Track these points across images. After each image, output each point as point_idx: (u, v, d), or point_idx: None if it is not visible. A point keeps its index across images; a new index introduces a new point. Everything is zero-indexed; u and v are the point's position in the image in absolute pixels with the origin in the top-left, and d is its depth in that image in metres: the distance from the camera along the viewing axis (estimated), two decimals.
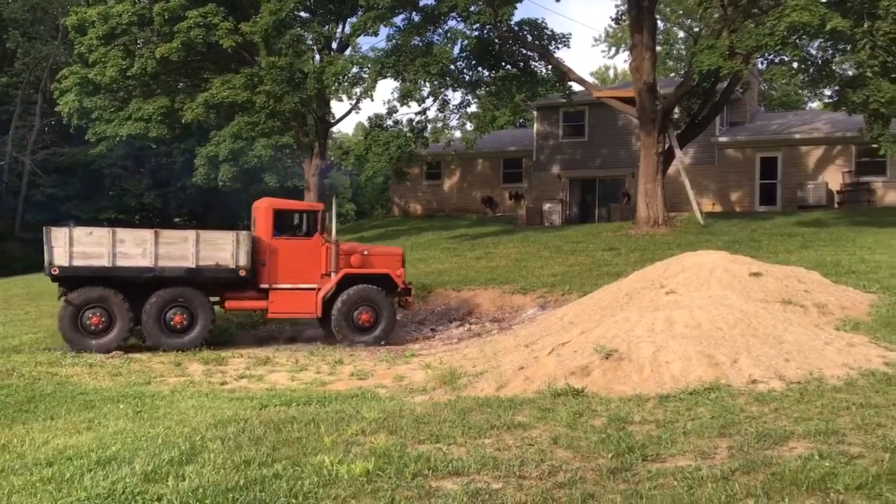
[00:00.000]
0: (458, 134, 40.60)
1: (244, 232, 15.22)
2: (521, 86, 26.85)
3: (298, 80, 28.19)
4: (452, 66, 25.15)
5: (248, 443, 6.54)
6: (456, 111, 29.65)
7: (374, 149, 26.16)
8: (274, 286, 15.29)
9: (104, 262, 14.10)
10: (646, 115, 24.12)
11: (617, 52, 52.53)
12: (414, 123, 27.93)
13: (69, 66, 31.71)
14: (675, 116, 26.65)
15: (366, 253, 16.14)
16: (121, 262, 14.17)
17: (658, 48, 34.83)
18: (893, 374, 7.97)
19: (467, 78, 26.77)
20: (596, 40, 75.18)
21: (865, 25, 19.03)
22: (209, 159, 29.96)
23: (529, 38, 25.84)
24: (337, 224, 16.48)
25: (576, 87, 27.50)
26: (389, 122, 27.82)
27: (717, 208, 29.96)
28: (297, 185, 35.25)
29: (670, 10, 44.92)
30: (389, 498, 5.03)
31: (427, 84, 25.39)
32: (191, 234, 14.73)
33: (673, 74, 44.62)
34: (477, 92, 28.34)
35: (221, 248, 14.71)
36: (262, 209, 15.71)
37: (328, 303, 15.47)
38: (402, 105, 26.47)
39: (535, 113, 34.92)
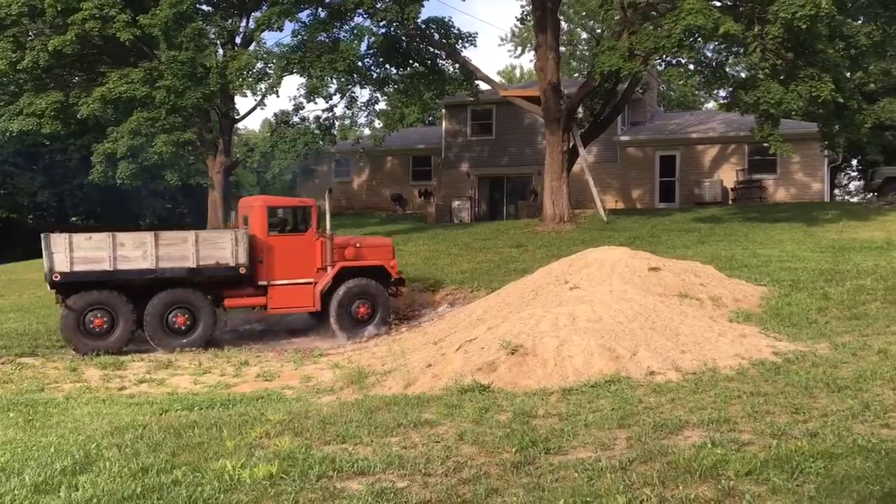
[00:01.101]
0: (367, 131, 40.41)
1: (241, 230, 15.32)
2: (429, 84, 26.96)
3: (201, 74, 27.41)
4: (360, 63, 24.99)
5: (146, 449, 6.35)
6: (364, 108, 29.50)
7: (280, 146, 25.74)
8: (272, 282, 15.52)
9: (105, 266, 14.11)
10: (551, 115, 24.56)
11: (523, 52, 53.25)
12: (321, 120, 27.61)
13: None
14: (579, 116, 27.24)
15: (358, 245, 16.47)
16: (122, 266, 14.21)
17: (562, 49, 35.59)
18: (782, 364, 8.38)
19: (375, 75, 26.66)
20: (502, 40, 76.27)
21: (756, 29, 19.89)
22: (107, 156, 28.78)
23: (436, 36, 25.93)
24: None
25: (483, 85, 27.76)
26: (296, 119, 27.40)
27: (620, 205, 30.82)
28: (200, 183, 34.31)
29: (573, 12, 45.86)
30: (293, 501, 4.98)
31: (334, 81, 25.14)
32: (190, 235, 14.86)
33: (577, 75, 45.64)
34: (385, 89, 28.27)
35: (221, 247, 14.87)
36: (256, 207, 15.88)
37: (325, 296, 15.71)
38: (308, 102, 26.07)
39: (443, 111, 35.08)
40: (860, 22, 22.34)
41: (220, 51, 30.37)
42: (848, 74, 22.72)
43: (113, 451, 6.28)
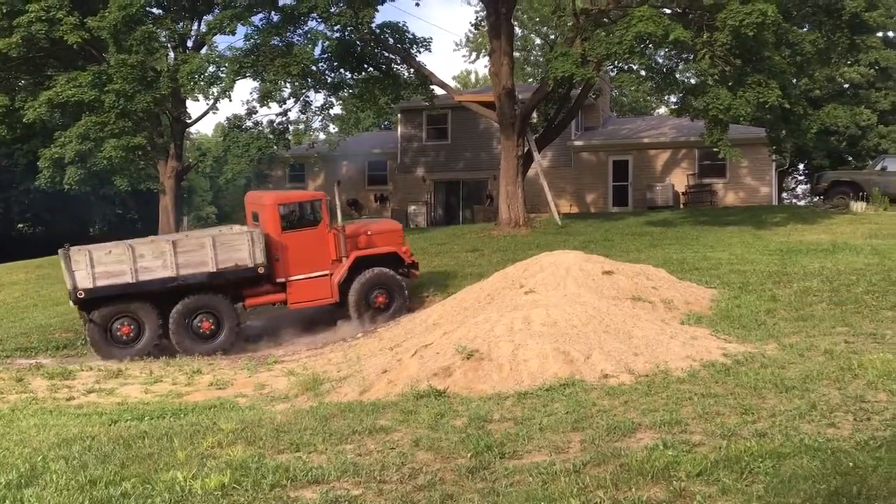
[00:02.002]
0: (321, 136, 40.15)
1: (256, 230, 15.38)
2: (385, 88, 26.89)
3: (151, 78, 27.00)
4: (314, 68, 24.84)
5: (94, 461, 6.20)
6: (318, 113, 29.36)
7: (233, 150, 25.46)
8: (290, 278, 15.73)
9: (128, 278, 14.24)
10: (505, 120, 24.70)
11: (478, 57, 53.43)
12: (275, 125, 27.39)
13: None
14: (534, 121, 27.45)
15: (369, 233, 16.70)
16: (144, 277, 14.33)
17: (516, 54, 35.84)
18: (731, 365, 8.52)
19: (329, 79, 26.52)
20: (457, 45, 76.37)
21: (705, 36, 20.26)
22: (54, 161, 28.18)
23: (391, 41, 25.89)
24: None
25: (438, 90, 27.82)
26: (249, 124, 27.13)
27: (575, 209, 31.13)
28: (151, 189, 33.75)
29: (527, 18, 46.21)
30: None
31: (288, 85, 24.97)
32: (207, 240, 14.94)
33: (531, 80, 45.96)
34: (340, 94, 28.14)
35: (238, 249, 14.99)
36: (268, 206, 15.99)
37: (343, 286, 15.93)
38: (262, 106, 25.87)
39: (398, 115, 35.05)
40: (805, 30, 22.94)
41: (171, 54, 29.96)
42: (794, 81, 23.31)
43: (60, 464, 6.13)
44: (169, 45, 29.85)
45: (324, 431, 6.78)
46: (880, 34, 37.40)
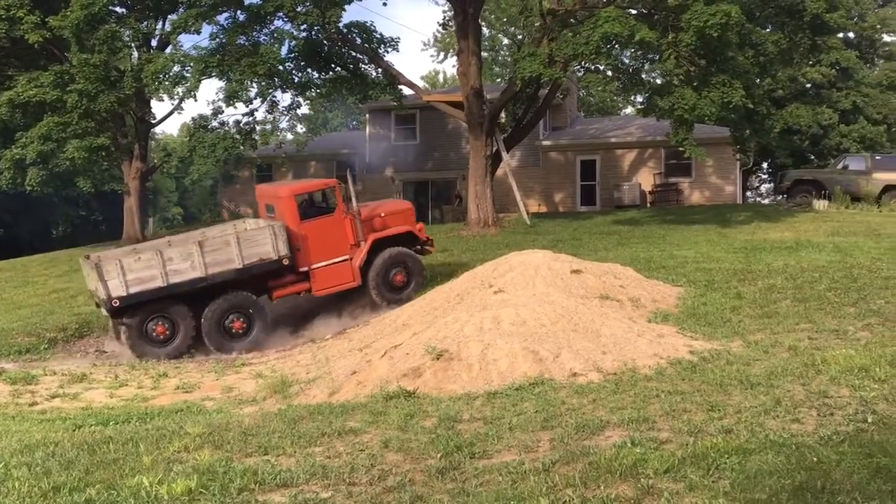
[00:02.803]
0: (289, 136, 39.91)
1: (277, 223, 15.66)
2: (352, 88, 26.78)
3: (115, 78, 26.63)
4: (281, 67, 24.65)
5: (58, 468, 6.08)
6: (286, 113, 29.15)
7: (199, 151, 25.16)
8: (312, 266, 16.01)
9: (159, 282, 14.48)
10: (474, 119, 24.74)
11: (446, 57, 53.41)
12: (241, 125, 27.11)
13: None
14: (502, 121, 27.51)
15: (383, 214, 16.93)
16: (174, 279, 14.57)
17: (484, 54, 35.91)
18: (698, 362, 8.62)
19: (296, 79, 26.32)
20: (425, 45, 76.34)
21: (670, 37, 20.48)
22: (15, 162, 27.68)
23: (359, 40, 25.78)
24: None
25: (407, 90, 27.77)
26: (215, 124, 26.83)
27: (543, 209, 31.27)
28: (115, 190, 33.27)
29: (495, 18, 46.31)
30: None
31: (254, 85, 24.73)
32: (231, 238, 15.31)
33: (499, 80, 46.09)
34: (307, 94, 27.97)
35: (261, 244, 15.27)
36: (284, 198, 16.21)
37: (363, 269, 16.31)
38: (228, 106, 25.55)
39: (367, 115, 34.91)
40: (768, 30, 23.28)
41: (135, 54, 29.57)
42: (757, 81, 23.59)
43: (22, 471, 6.00)
44: (133, 45, 29.47)
45: (292, 434, 6.72)
46: (840, 35, 38.16)
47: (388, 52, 26.23)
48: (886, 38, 44.35)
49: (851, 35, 41.70)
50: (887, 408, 6.30)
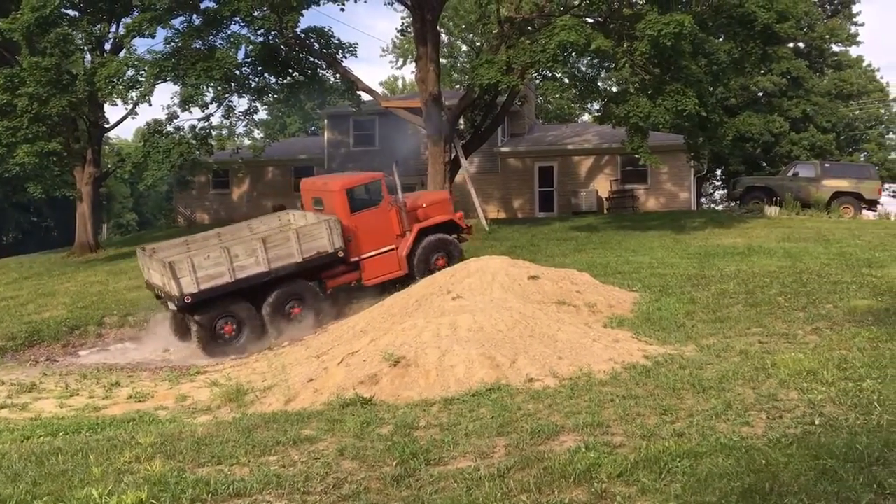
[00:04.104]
0: (247, 141, 39.51)
1: (332, 217, 16.29)
2: (311, 93, 26.67)
3: (66, 81, 26.12)
4: (237, 72, 24.44)
5: (4, 480, 5.95)
6: (242, 118, 28.90)
7: (153, 156, 24.79)
8: (362, 257, 16.74)
9: (227, 278, 15.11)
10: (432, 126, 24.78)
11: (404, 63, 53.49)
12: (197, 130, 26.79)
13: None
14: (461, 127, 27.60)
15: (424, 204, 17.69)
16: (240, 275, 15.25)
17: (443, 61, 35.97)
18: (652, 367, 8.72)
19: (253, 84, 26.13)
20: (384, 51, 76.23)
21: (625, 46, 20.77)
22: None
23: (316, 46, 25.69)
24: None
25: (365, 96, 27.72)
26: (170, 128, 26.48)
27: (502, 215, 31.42)
28: (67, 196, 32.60)
29: (453, 24, 46.45)
30: None
31: (210, 89, 24.48)
32: (291, 234, 15.91)
33: (458, 87, 46.17)
34: (264, 98, 27.77)
35: (318, 238, 15.98)
36: (336, 192, 16.80)
37: (409, 258, 17.06)
38: (183, 110, 25.26)
39: (325, 121, 34.73)
40: (720, 40, 23.72)
41: (88, 57, 29.03)
42: (710, 89, 24.02)
43: None
44: (85, 48, 28.92)
45: (247, 443, 6.65)
46: (791, 45, 39.06)
47: (346, 57, 26.23)
48: (835, 48, 45.49)
49: (801, 45, 42.68)
50: (834, 410, 6.45)
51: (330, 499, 5.18)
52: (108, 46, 29.43)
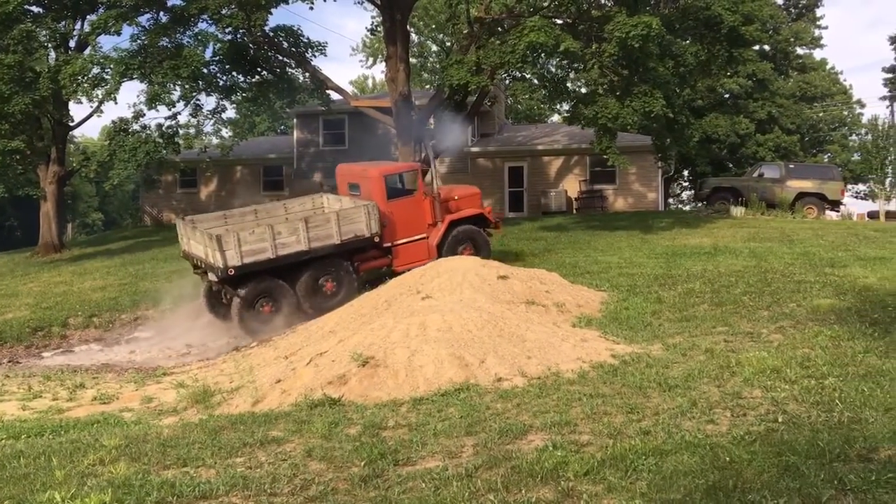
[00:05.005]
0: (215, 140, 39.15)
1: (371, 203, 16.70)
2: (280, 92, 26.47)
3: (30, 79, 25.69)
4: (205, 70, 24.19)
5: None
6: (210, 116, 28.61)
7: (119, 155, 24.48)
8: (395, 243, 17.17)
9: (269, 254, 15.64)
10: (402, 125, 24.74)
11: (374, 62, 53.32)
12: (164, 128, 26.49)
13: None
14: (431, 127, 27.58)
15: (456, 198, 18.13)
16: (282, 252, 15.79)
17: (413, 60, 35.96)
18: (619, 366, 8.80)
19: (221, 82, 25.87)
20: (354, 50, 75.97)
21: (594, 47, 20.91)
22: None
23: (286, 44, 25.52)
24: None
25: (335, 95, 27.60)
26: (136, 127, 26.14)
27: None
28: (31, 195, 32.06)
29: (423, 24, 46.46)
30: None
31: (177, 87, 24.21)
32: (332, 215, 16.45)
33: (428, 87, 46.19)
34: (232, 97, 27.51)
35: (356, 221, 16.40)
36: (375, 178, 17.23)
37: (438, 247, 17.36)
38: (150, 109, 24.93)
39: (294, 120, 34.52)
40: (687, 42, 23.97)
41: (52, 54, 28.57)
42: (677, 91, 24.25)
43: None
44: (49, 45, 28.46)
45: (213, 445, 6.59)
46: (756, 48, 39.54)
47: (315, 56, 26.08)
48: (799, 50, 46.23)
49: (767, 48, 43.27)
50: (797, 408, 6.56)
51: (297, 500, 5.16)
52: (72, 44, 29.01)
